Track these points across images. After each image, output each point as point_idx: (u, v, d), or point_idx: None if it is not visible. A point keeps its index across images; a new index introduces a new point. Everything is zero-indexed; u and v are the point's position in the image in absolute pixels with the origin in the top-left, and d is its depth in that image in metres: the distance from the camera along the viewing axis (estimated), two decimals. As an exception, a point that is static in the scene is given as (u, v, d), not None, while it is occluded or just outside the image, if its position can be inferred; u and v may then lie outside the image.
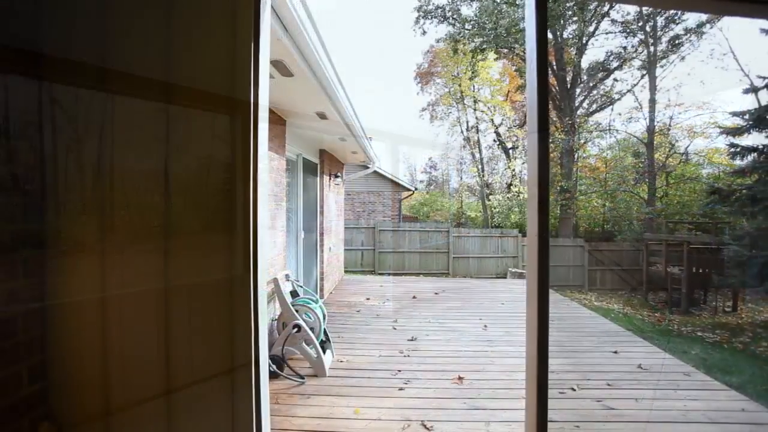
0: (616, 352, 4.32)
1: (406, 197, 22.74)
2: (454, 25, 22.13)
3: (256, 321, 1.30)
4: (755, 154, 10.38)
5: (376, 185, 19.28)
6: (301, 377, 3.51)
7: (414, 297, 6.85)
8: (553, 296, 7.24)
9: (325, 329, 4.01)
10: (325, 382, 3.52)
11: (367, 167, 9.33)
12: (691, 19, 21.37)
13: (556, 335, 4.92)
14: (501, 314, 5.84)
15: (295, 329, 3.55)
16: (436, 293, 7.24)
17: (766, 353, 7.28)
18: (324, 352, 3.95)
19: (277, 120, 4.08)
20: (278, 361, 3.55)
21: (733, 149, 10.70)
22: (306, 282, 5.95)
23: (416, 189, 26.22)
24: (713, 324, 9.88)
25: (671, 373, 3.81)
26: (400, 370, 3.77)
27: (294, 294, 4.09)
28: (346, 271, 13.28)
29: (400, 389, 3.38)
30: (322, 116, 4.33)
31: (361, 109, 5.24)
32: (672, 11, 18.66)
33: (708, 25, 18.74)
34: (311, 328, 3.70)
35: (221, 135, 1.32)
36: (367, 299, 6.66)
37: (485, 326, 5.21)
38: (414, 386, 3.47)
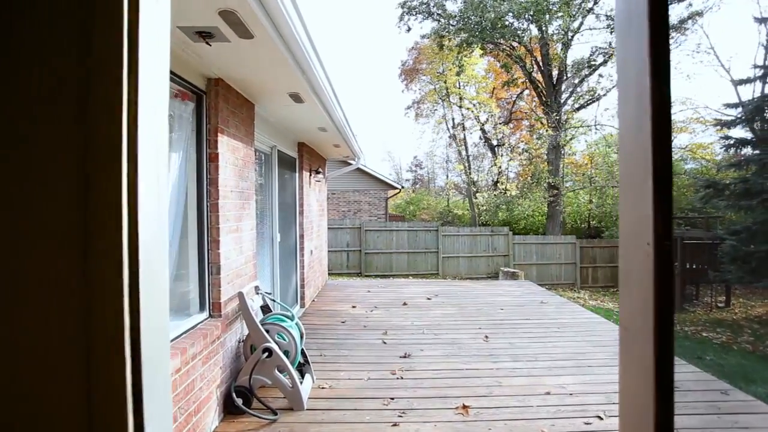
0: (637, 366, 3.80)
1: (393, 196, 22.20)
2: (438, 21, 21.65)
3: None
4: (749, 146, 10.14)
5: (362, 183, 18.64)
6: (274, 413, 2.88)
7: (405, 304, 6.26)
8: (554, 298, 6.76)
9: (303, 349, 3.38)
10: (302, 417, 2.90)
11: (352, 163, 8.71)
12: (673, 15, 21.32)
13: (565, 345, 4.39)
14: (501, 322, 5.30)
15: (266, 354, 2.91)
16: (428, 298, 6.66)
17: (774, 354, 6.94)
18: (302, 377, 3.32)
19: (242, 103, 3.43)
20: (245, 394, 2.91)
21: (726, 141, 10.44)
22: (284, 290, 5.30)
23: (403, 187, 25.72)
24: (711, 321, 9.58)
25: (706, 392, 3.31)
26: (393, 398, 3.16)
27: (266, 309, 3.45)
28: (330, 275, 12.62)
29: (395, 425, 2.78)
30: (297, 99, 3.70)
31: (344, 104, 4.63)
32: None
33: (690, 21, 18.70)
34: (285, 352, 3.07)
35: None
36: (353, 307, 6.04)
37: (486, 337, 4.65)
38: (410, 419, 2.87)
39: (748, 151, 10.23)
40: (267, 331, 3.04)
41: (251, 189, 3.65)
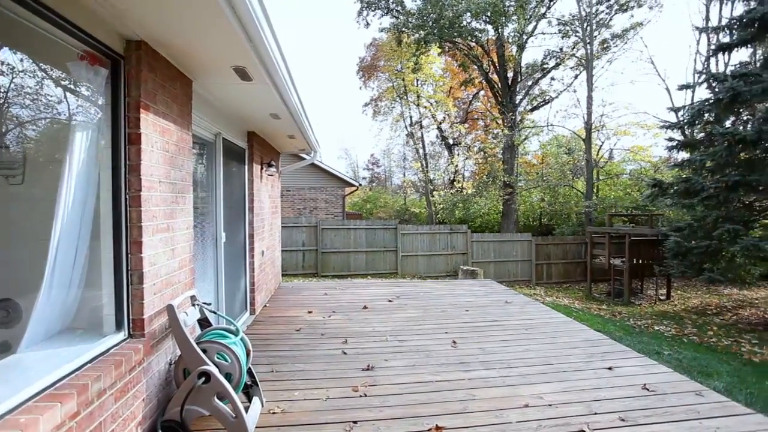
0: (610, 369, 3.65)
1: (350, 193, 21.71)
2: (397, 17, 21.40)
3: None
4: (690, 148, 10.70)
5: (318, 180, 18.01)
6: (213, 450, 2.38)
7: (365, 307, 5.85)
8: (518, 297, 6.63)
9: (250, 368, 2.88)
10: (248, 453, 2.41)
11: (307, 157, 8.16)
12: (617, 25, 22.66)
13: (536, 348, 4.19)
14: (468, 325, 5.04)
15: (202, 379, 2.39)
16: (390, 300, 6.30)
17: (718, 344, 7.27)
18: (249, 400, 2.83)
19: (175, 76, 2.85)
20: (176, 430, 2.38)
21: (669, 143, 10.96)
22: (231, 296, 4.72)
23: (360, 185, 25.31)
24: (657, 314, 10.01)
25: (681, 394, 3.18)
26: (356, 422, 2.75)
27: (205, 323, 2.91)
28: (284, 275, 11.98)
29: (360, 457, 2.38)
30: (244, 75, 3.17)
31: (300, 90, 4.14)
32: (604, 17, 19.40)
33: (632, 32, 19.75)
34: (227, 375, 2.56)
35: None
36: (309, 312, 5.55)
37: (454, 342, 4.35)
38: (378, 447, 2.48)
39: (687, 153, 10.80)
40: (204, 351, 2.52)
41: (187, 180, 3.08)
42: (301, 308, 5.78)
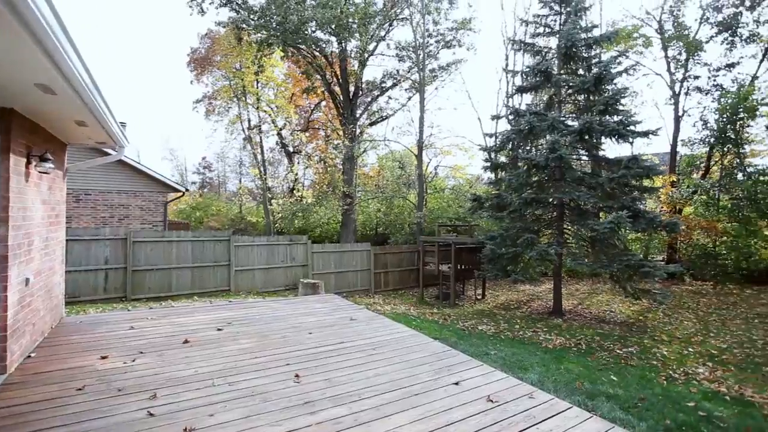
0: (457, 384, 3.64)
1: (175, 200, 18.77)
2: (237, 11, 19.70)
3: None
4: (499, 169, 12.63)
5: (133, 183, 14.91)
6: None
7: (186, 341, 4.73)
8: (362, 312, 6.43)
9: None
10: None
11: (113, 152, 6.42)
12: (443, 58, 25.89)
13: (385, 370, 3.94)
14: (312, 351, 4.50)
15: None
16: (219, 329, 5.29)
17: (524, 336, 8.50)
18: None
19: None
20: None
21: (486, 164, 12.73)
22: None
23: (187, 190, 22.20)
24: (476, 313, 11.34)
25: (518, 400, 3.32)
26: None
27: None
28: (76, 304, 9.36)
29: None
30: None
31: (113, 87, 2.99)
32: (433, 49, 21.82)
33: (453, 66, 22.78)
34: None
35: None
36: (103, 358, 4.15)
37: (297, 376, 3.76)
38: None
39: (493, 174, 12.73)
40: None
41: None
42: (91, 353, 4.30)
